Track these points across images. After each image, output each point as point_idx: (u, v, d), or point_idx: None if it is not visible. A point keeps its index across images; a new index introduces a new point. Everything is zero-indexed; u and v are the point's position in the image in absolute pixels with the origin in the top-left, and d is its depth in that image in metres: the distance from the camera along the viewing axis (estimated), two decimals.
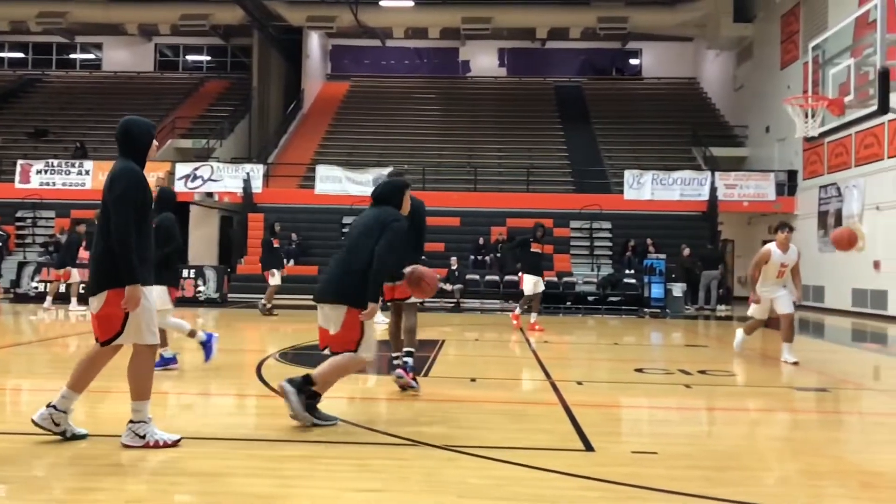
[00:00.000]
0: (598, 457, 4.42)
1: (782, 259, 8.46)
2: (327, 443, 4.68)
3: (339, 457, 4.32)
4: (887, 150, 17.19)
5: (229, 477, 3.90)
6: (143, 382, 4.39)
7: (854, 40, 10.04)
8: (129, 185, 4.27)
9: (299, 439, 4.70)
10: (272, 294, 14.61)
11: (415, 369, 6.44)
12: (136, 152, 4.43)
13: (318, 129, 29.34)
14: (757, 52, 25.83)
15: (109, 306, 4.27)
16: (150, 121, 4.67)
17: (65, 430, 4.39)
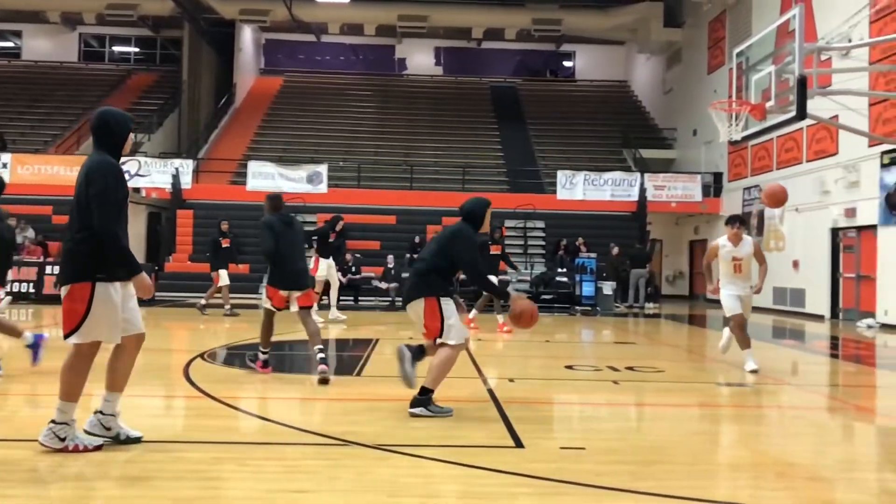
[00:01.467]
0: (528, 453, 4.49)
1: (734, 252, 8.12)
2: (256, 444, 4.62)
3: (267, 458, 4.27)
4: (806, 154, 17.93)
5: (154, 481, 3.80)
6: (73, 382, 4.23)
7: (775, 48, 10.45)
8: (108, 181, 4.15)
9: (227, 440, 4.63)
10: (226, 294, 14.43)
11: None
12: (112, 145, 4.33)
13: (251, 125, 28.83)
14: (685, 56, 26.59)
15: (71, 301, 4.15)
16: (129, 114, 4.58)
17: (118, 433, 4.35)
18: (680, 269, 25.91)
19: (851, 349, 11.60)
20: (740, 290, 8.17)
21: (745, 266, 8.14)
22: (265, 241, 7.03)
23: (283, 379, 7.33)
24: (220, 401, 5.88)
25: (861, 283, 15.78)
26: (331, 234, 13.45)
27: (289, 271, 7.03)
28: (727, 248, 8.13)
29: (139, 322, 4.40)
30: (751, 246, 8.14)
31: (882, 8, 14.66)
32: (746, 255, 8.10)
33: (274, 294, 7.09)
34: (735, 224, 8.18)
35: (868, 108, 14.83)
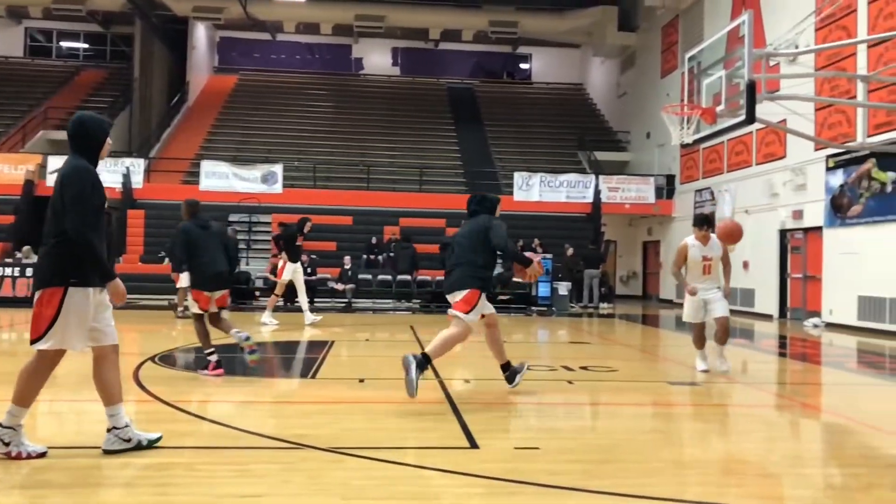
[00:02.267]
0: (482, 453, 4.49)
1: (703, 252, 7.84)
2: (208, 448, 4.55)
3: (219, 462, 4.20)
4: (755, 157, 18.35)
5: (101, 488, 3.71)
6: (30, 387, 4.14)
7: (726, 53, 10.64)
8: (84, 185, 4.10)
9: (178, 445, 4.53)
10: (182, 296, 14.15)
11: None
12: (89, 150, 4.29)
13: (204, 124, 28.37)
14: (639, 60, 26.99)
15: (41, 305, 4.09)
16: (107, 118, 4.54)
17: (138, 440, 4.32)
18: (633, 270, 26.30)
19: (798, 348, 11.89)
20: (705, 293, 7.89)
21: (715, 266, 7.89)
22: (178, 248, 7.47)
23: (237, 382, 7.22)
24: (171, 404, 5.77)
25: (808, 283, 16.21)
26: (299, 237, 13.25)
27: (210, 274, 7.28)
28: (697, 247, 7.87)
29: (113, 332, 4.35)
30: (720, 247, 7.90)
31: (827, 16, 15.08)
32: (716, 255, 7.86)
33: (199, 297, 7.32)
34: (703, 227, 7.91)
35: (814, 113, 15.23)
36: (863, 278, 13.92)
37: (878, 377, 9.09)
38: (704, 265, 7.82)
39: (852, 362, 10.43)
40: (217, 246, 7.42)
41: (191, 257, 7.31)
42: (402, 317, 16.10)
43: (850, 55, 14.48)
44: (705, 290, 7.90)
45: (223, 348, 10.05)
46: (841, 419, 6.09)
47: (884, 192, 13.55)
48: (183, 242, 7.34)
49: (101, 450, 4.27)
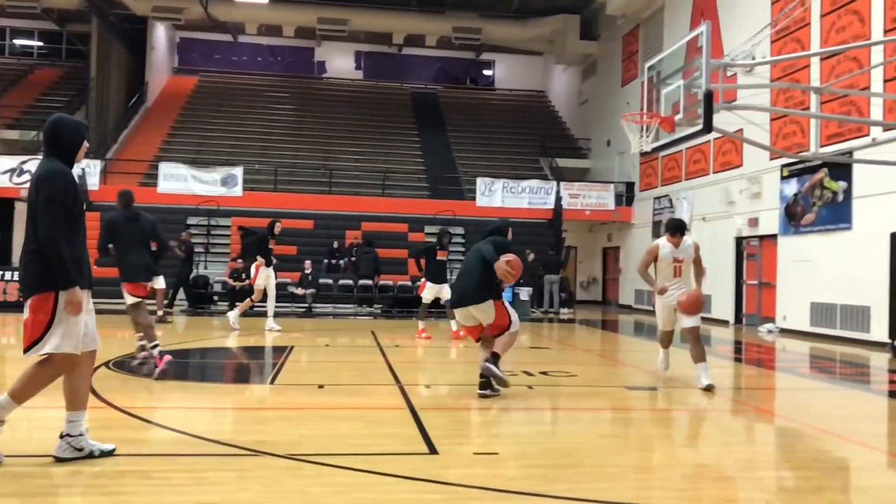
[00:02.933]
0: (441, 459, 4.48)
1: (675, 254, 7.55)
2: (162, 455, 4.46)
3: (173, 470, 4.12)
4: (713, 165, 18.68)
5: (53, 497, 3.62)
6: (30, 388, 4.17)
7: (685, 63, 10.81)
8: (58, 188, 4.05)
9: (132, 453, 4.43)
10: (160, 299, 13.96)
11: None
12: (63, 153, 4.23)
13: (163, 125, 27.92)
14: (601, 69, 27.31)
15: (34, 312, 4.06)
16: (83, 122, 4.50)
17: (90, 450, 4.20)
18: (593, 276, 26.57)
19: (753, 353, 12.12)
20: (674, 298, 7.60)
21: (686, 269, 7.59)
22: (101, 238, 7.61)
23: (192, 388, 7.11)
24: (125, 411, 5.65)
25: (763, 289, 16.54)
26: (270, 240, 13.07)
27: (134, 263, 7.50)
28: (668, 248, 7.60)
29: (95, 337, 4.34)
30: (692, 249, 7.63)
31: (782, 29, 15.45)
32: (688, 258, 7.57)
33: (132, 288, 7.51)
34: (677, 234, 7.61)
35: (770, 123, 15.57)
36: (815, 285, 14.26)
37: (828, 382, 9.31)
38: (675, 266, 7.58)
39: (804, 367, 10.66)
40: (140, 238, 7.61)
41: (117, 249, 7.53)
42: (364, 322, 16.02)
43: (803, 67, 14.85)
44: (676, 295, 7.61)
45: (190, 353, 9.88)
46: (793, 423, 6.22)
47: (835, 201, 13.90)
48: (105, 232, 7.55)
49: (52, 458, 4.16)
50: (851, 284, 13.26)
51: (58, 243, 3.98)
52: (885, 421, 6.74)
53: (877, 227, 12.67)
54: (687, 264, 7.58)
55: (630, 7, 22.81)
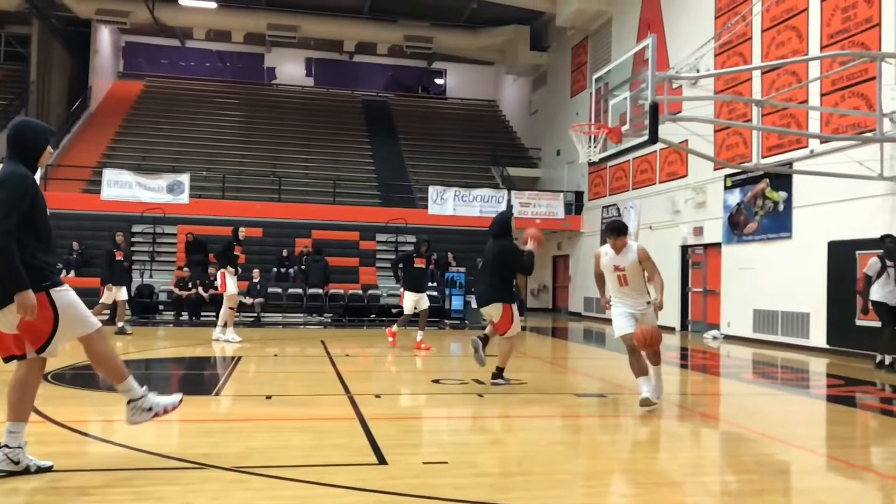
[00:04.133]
0: (391, 469, 4.45)
1: (615, 261, 6.91)
2: (102, 470, 4.32)
3: (114, 485, 4.00)
4: (659, 175, 19.06)
5: None
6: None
7: (632, 75, 11.03)
8: (14, 190, 3.99)
9: (70, 468, 4.29)
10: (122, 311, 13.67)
11: None
12: (26, 156, 4.18)
13: (107, 131, 27.25)
14: (550, 79, 27.66)
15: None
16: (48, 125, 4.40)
17: (27, 465, 4.06)
18: (544, 283, 26.81)
19: (699, 359, 12.37)
20: (632, 308, 6.93)
21: (633, 277, 6.90)
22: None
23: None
24: (63, 425, 5.47)
25: (707, 296, 16.91)
26: (236, 247, 12.80)
27: None
28: (608, 255, 6.98)
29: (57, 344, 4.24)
30: (635, 254, 6.89)
31: (725, 42, 15.87)
32: (631, 265, 6.87)
33: None
34: (613, 235, 6.96)
35: (714, 134, 15.96)
36: (757, 292, 14.64)
37: (770, 387, 9.55)
38: (617, 276, 6.94)
39: (747, 373, 10.92)
40: None
41: None
42: (313, 331, 15.86)
43: (745, 80, 15.27)
44: (632, 305, 6.93)
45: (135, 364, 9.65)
46: (737, 428, 6.35)
47: (776, 210, 14.30)
48: None
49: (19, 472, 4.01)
50: (792, 292, 13.65)
51: (9, 248, 3.90)
52: (823, 424, 6.94)
53: (815, 236, 13.08)
54: (632, 272, 6.87)
55: (579, 19, 23.16)
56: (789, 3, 14.20)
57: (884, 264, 10.02)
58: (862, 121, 12.05)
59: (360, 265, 20.88)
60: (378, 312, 18.72)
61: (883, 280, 9.99)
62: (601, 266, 7.06)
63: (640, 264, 6.85)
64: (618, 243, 6.94)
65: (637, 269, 6.88)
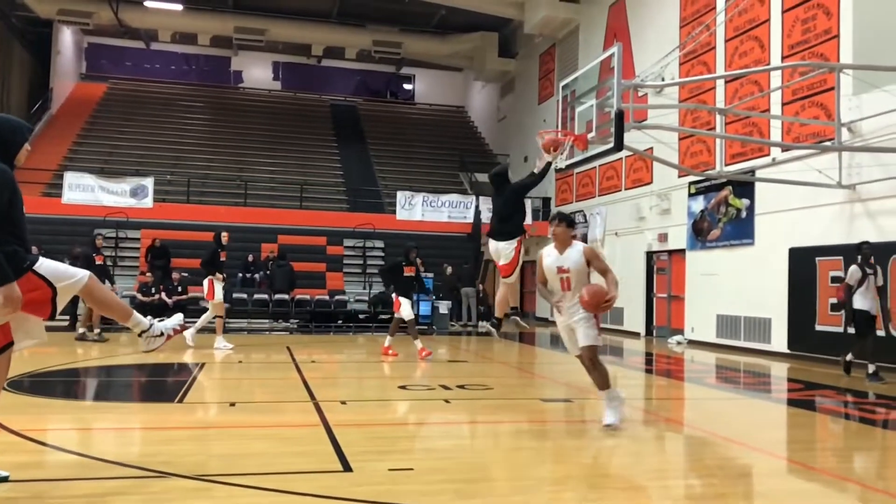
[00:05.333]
0: (356, 477, 4.42)
1: (559, 262, 6.14)
2: (59, 480, 4.23)
3: (72, 495, 3.92)
4: (624, 182, 19.27)
5: None
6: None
7: (598, 82, 11.14)
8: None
9: (27, 478, 4.19)
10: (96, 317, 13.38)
11: None
12: (3, 154, 4.10)
13: (69, 133, 26.75)
14: (518, 86, 27.82)
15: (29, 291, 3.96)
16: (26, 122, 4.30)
17: None
18: None
19: (663, 364, 12.51)
20: (569, 317, 6.14)
21: (578, 281, 6.10)
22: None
23: (96, 408, 6.80)
24: (20, 434, 5.34)
25: (672, 302, 17.11)
26: (221, 253, 12.58)
27: None
28: (551, 257, 6.25)
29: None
30: (580, 254, 6.13)
31: (689, 52, 16.12)
32: (575, 266, 6.07)
33: None
34: (554, 221, 6.28)
35: (678, 142, 16.19)
36: (720, 298, 14.85)
37: (733, 391, 9.69)
38: (561, 279, 6.15)
39: (711, 378, 11.07)
40: None
41: None
42: (279, 337, 15.72)
43: (709, 89, 15.52)
44: (570, 311, 6.14)
45: (66, 373, 9.48)
46: (700, 432, 6.43)
47: (739, 217, 14.54)
48: None
49: None
50: (754, 297, 13.87)
51: None
52: (784, 428, 7.06)
53: (776, 242, 13.31)
54: (578, 275, 6.10)
55: (546, 27, 23.34)
56: (752, 13, 14.47)
57: (864, 272, 9.79)
58: (821, 130, 12.32)
59: (326, 270, 20.76)
60: (345, 318, 18.61)
61: (864, 289, 9.76)
62: (545, 268, 6.28)
63: (589, 265, 6.14)
64: (560, 235, 6.20)
65: (583, 271, 6.12)
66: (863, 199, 11.67)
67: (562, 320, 6.25)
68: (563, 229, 6.21)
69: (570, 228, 6.26)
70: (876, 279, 9.84)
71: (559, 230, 6.21)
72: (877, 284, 9.84)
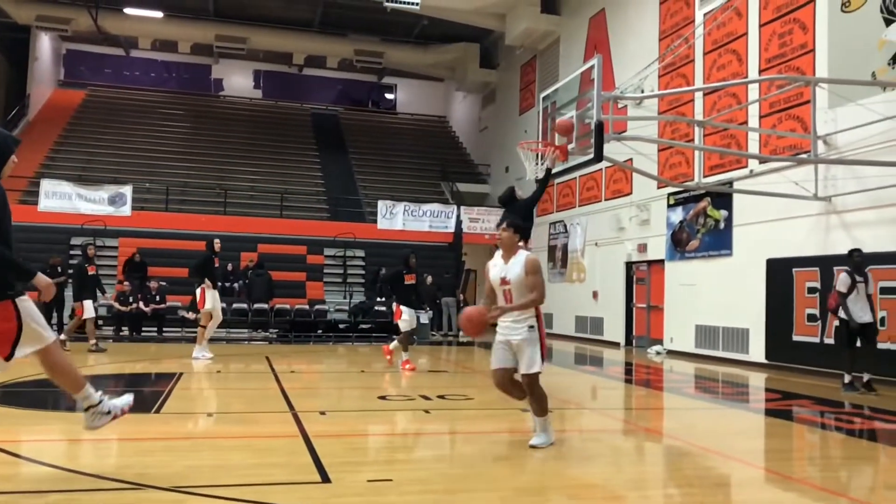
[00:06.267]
0: (334, 488, 4.38)
1: (502, 272, 5.62)
2: (32, 493, 4.15)
3: None
4: (604, 193, 19.38)
5: None
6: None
7: (579, 94, 11.23)
8: None
9: (0, 491, 4.11)
10: (92, 328, 13.24)
11: None
12: None
13: (46, 140, 26.46)
14: (499, 97, 27.94)
15: None
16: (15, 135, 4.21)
17: None
18: None
19: (642, 374, 12.56)
20: (509, 333, 5.57)
21: (519, 295, 5.57)
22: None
23: (69, 419, 6.69)
24: None
25: (651, 312, 17.21)
26: (215, 259, 12.44)
27: None
28: (497, 267, 5.72)
29: None
30: (521, 266, 5.56)
31: (668, 64, 16.28)
32: (516, 279, 5.55)
33: None
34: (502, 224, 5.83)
35: (657, 154, 16.32)
36: (699, 309, 14.96)
37: (711, 401, 9.75)
38: (504, 291, 5.62)
39: (689, 388, 11.13)
40: None
41: None
42: (258, 347, 15.61)
43: (688, 101, 15.67)
44: (509, 329, 5.58)
45: (40, 383, 9.34)
46: (679, 442, 6.45)
47: (717, 228, 14.67)
48: None
49: None
50: (732, 308, 13.98)
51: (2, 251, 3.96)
52: (761, 438, 7.11)
53: (754, 253, 13.44)
54: (518, 288, 5.55)
55: (527, 38, 23.49)
56: (730, 27, 14.66)
57: (853, 280, 9.55)
58: (798, 143, 12.48)
59: (307, 280, 20.66)
60: (325, 328, 18.52)
61: (853, 297, 9.52)
62: (490, 281, 5.72)
63: (527, 277, 5.52)
64: (507, 241, 5.65)
65: (523, 284, 5.54)
66: (838, 211, 11.83)
67: (500, 335, 5.64)
68: (510, 235, 5.66)
69: (516, 234, 5.70)
70: (867, 287, 9.62)
71: (505, 235, 5.67)
72: (867, 293, 9.61)
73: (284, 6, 27.18)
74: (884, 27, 11.08)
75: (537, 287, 5.52)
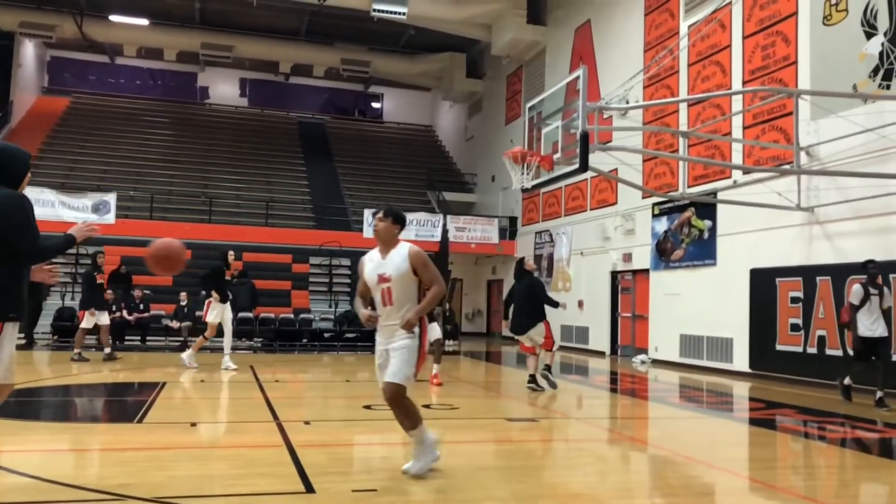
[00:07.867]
0: (319, 498, 4.36)
1: (380, 268, 4.91)
2: None
3: None
4: (590, 202, 19.47)
5: None
6: None
7: (564, 104, 11.28)
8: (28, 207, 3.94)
9: None
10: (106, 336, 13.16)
11: None
12: (9, 181, 4.03)
13: (29, 148, 25.69)
14: (486, 107, 28.05)
15: None
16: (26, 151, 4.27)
17: None
18: (478, 307, 26.96)
19: (627, 383, 12.58)
20: (387, 340, 4.91)
21: (401, 293, 4.86)
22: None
23: (51, 428, 6.62)
24: None
25: (636, 321, 17.27)
26: (227, 272, 12.32)
27: None
28: (372, 263, 5.01)
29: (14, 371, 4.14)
30: (404, 258, 4.87)
31: (653, 75, 16.41)
32: (398, 273, 4.84)
33: None
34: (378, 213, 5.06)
35: (642, 164, 16.42)
36: (683, 318, 15.03)
37: (696, 410, 9.78)
38: (381, 290, 4.88)
39: (674, 397, 11.16)
40: None
41: None
42: (242, 356, 15.49)
43: (673, 112, 15.80)
44: (388, 335, 4.91)
45: (20, 392, 9.27)
46: (664, 451, 6.47)
47: (701, 238, 14.77)
48: None
49: None
50: (716, 317, 14.06)
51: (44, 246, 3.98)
52: (745, 447, 7.14)
53: (738, 263, 13.54)
54: (400, 285, 4.85)
55: (514, 49, 23.61)
56: (714, 39, 14.80)
57: (867, 291, 9.22)
58: (781, 153, 12.60)
59: (292, 288, 20.59)
60: (310, 337, 18.44)
61: (866, 309, 9.16)
62: (365, 277, 5.00)
63: (415, 273, 4.86)
64: (383, 232, 4.95)
65: (407, 281, 4.85)
66: (821, 222, 11.94)
67: (380, 342, 4.96)
68: (387, 225, 4.93)
69: (396, 225, 4.96)
70: (882, 301, 9.22)
71: (382, 225, 4.93)
72: (882, 307, 9.20)
73: (271, 15, 27.16)
74: (865, 40, 11.23)
75: (435, 278, 4.86)
